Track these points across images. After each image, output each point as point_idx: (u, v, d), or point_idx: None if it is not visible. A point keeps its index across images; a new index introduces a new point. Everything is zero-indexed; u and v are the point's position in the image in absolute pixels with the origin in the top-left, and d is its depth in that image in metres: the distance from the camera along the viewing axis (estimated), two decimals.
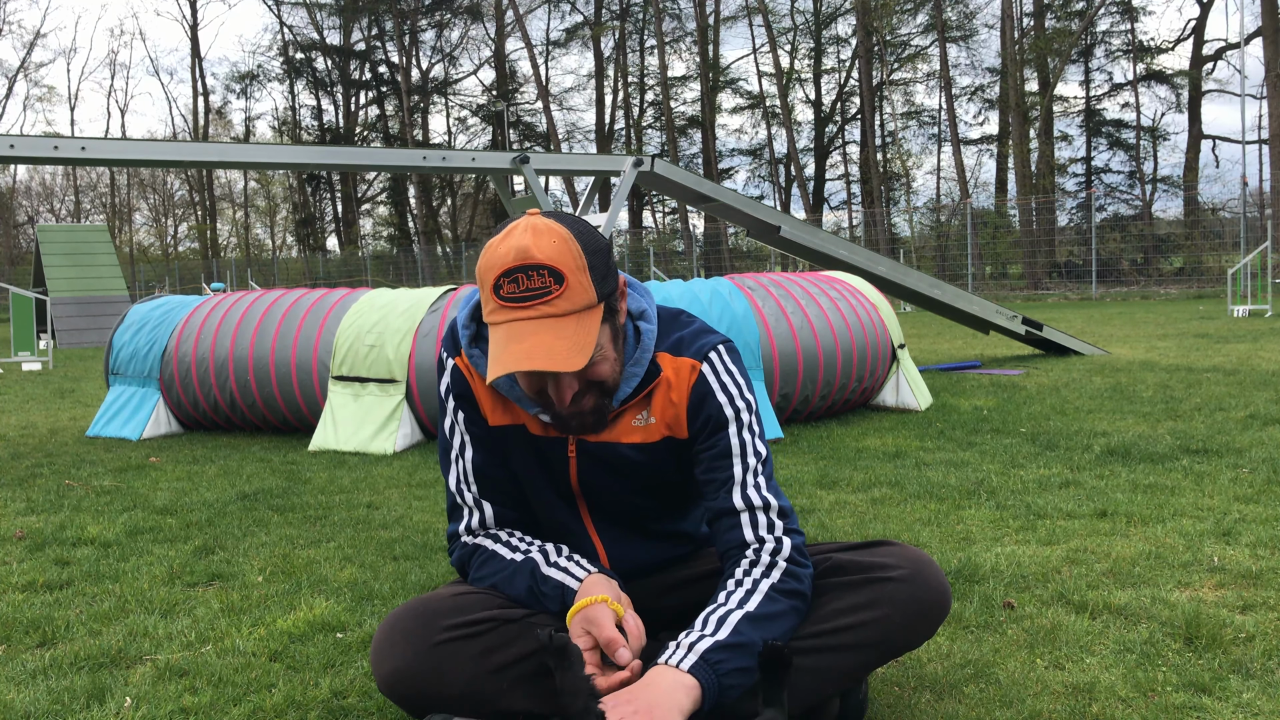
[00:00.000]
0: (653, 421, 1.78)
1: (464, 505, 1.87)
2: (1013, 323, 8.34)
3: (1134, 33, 33.04)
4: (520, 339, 1.59)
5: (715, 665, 1.55)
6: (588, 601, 1.64)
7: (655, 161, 7.42)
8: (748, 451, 1.75)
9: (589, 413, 1.69)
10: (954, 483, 3.76)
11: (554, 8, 42.20)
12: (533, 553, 1.78)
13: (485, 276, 1.64)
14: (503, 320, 1.62)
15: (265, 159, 6.78)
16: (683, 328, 1.82)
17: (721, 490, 1.73)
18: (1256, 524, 3.01)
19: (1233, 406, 5.34)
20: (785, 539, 1.71)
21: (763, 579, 1.66)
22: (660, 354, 1.78)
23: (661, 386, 1.78)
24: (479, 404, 1.84)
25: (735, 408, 1.76)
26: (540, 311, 1.61)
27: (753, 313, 5.14)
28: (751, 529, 1.71)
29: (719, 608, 1.63)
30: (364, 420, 5.02)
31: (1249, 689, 1.87)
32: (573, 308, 1.63)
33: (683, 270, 31.23)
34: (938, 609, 1.71)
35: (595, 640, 1.60)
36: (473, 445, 1.85)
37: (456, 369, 1.85)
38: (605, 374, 1.69)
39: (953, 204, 31.54)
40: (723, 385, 1.77)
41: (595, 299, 1.65)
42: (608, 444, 1.79)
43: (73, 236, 18.80)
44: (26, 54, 64.04)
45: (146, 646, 2.27)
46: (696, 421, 1.76)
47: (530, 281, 1.61)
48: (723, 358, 1.79)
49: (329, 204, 48.44)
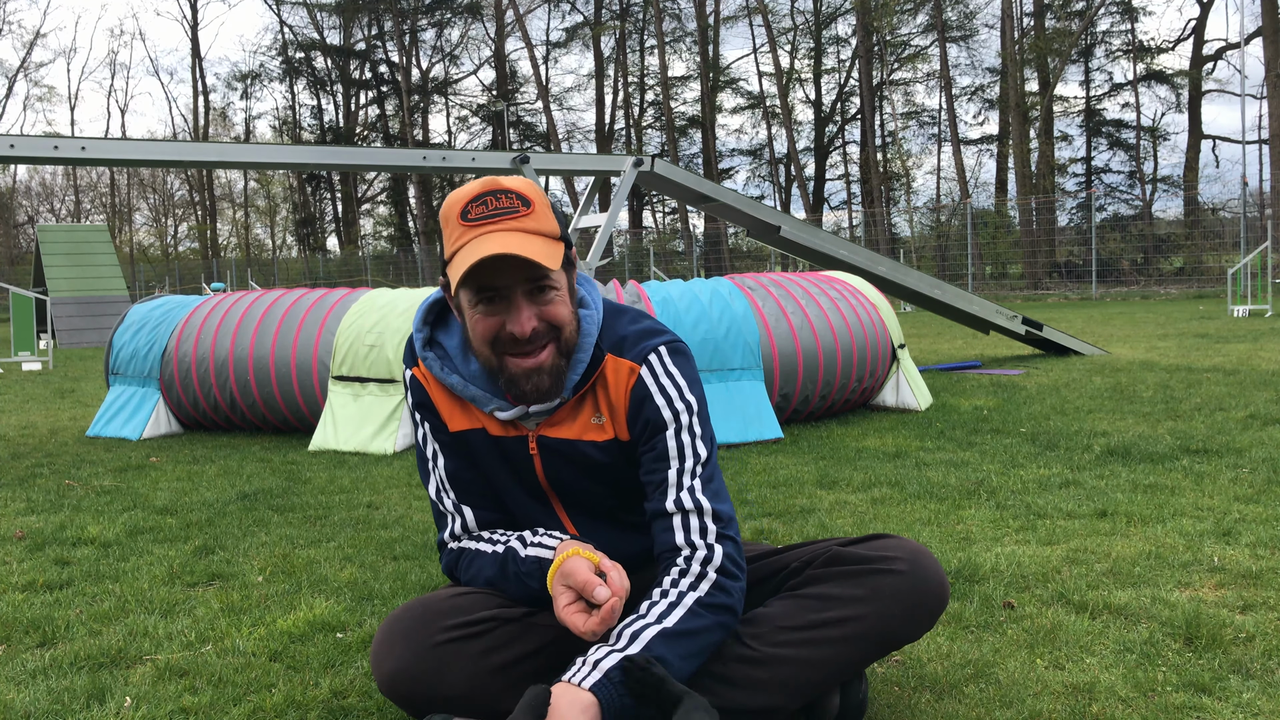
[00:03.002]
0: (605, 420, 1.78)
1: (446, 512, 1.88)
2: (1013, 323, 8.34)
3: (1134, 33, 33.08)
4: (490, 241, 1.60)
5: (620, 683, 1.52)
6: (563, 557, 1.63)
7: (655, 161, 7.42)
8: (685, 453, 1.73)
9: (546, 372, 1.68)
10: (954, 483, 3.76)
11: (554, 8, 42.23)
12: (510, 542, 1.79)
13: (450, 210, 1.66)
14: (470, 238, 1.62)
15: (265, 159, 6.78)
16: (628, 324, 1.80)
17: (657, 492, 1.72)
18: (1256, 524, 3.01)
19: (1233, 406, 5.34)
20: (717, 546, 1.68)
21: (689, 591, 1.63)
22: (607, 351, 1.77)
23: (603, 383, 1.77)
24: (439, 411, 1.84)
25: (674, 410, 1.74)
26: (509, 225, 1.62)
27: (753, 313, 5.14)
28: (683, 532, 1.69)
29: (636, 620, 1.60)
30: (364, 420, 5.02)
31: (1249, 689, 1.87)
32: (541, 229, 1.64)
33: (683, 270, 31.22)
34: (936, 600, 1.71)
35: (575, 592, 1.58)
36: (442, 453, 1.86)
37: (414, 379, 1.85)
38: (563, 317, 1.68)
39: (953, 204, 31.54)
40: (661, 388, 1.75)
41: (559, 234, 1.67)
42: (568, 441, 1.78)
43: (73, 236, 18.79)
44: (26, 54, 64.10)
45: (146, 646, 2.27)
46: (636, 425, 1.75)
47: (499, 202, 1.63)
48: (663, 359, 1.76)
49: (329, 204, 48.46)
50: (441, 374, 1.79)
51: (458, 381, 1.78)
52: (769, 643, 1.66)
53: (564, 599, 1.59)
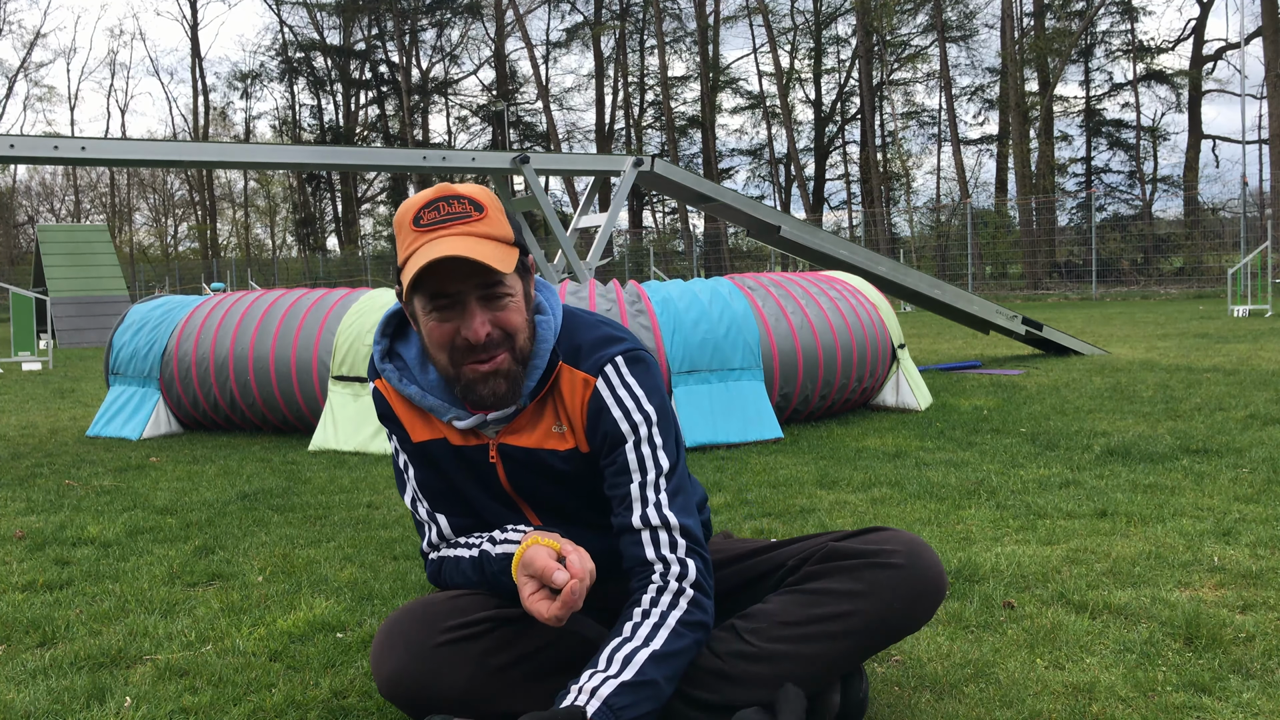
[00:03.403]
0: (566, 429, 1.76)
1: (423, 522, 1.88)
2: (1013, 323, 8.34)
3: (1134, 33, 33.07)
4: (441, 245, 1.59)
5: (619, 711, 1.51)
6: (523, 548, 1.62)
7: (655, 161, 7.42)
8: (647, 465, 1.71)
9: (501, 375, 1.66)
10: (954, 483, 3.76)
11: (554, 8, 42.22)
12: (483, 544, 1.78)
13: (403, 217, 1.65)
14: (422, 243, 1.61)
15: (265, 159, 6.78)
16: (586, 333, 1.78)
17: (621, 507, 1.71)
18: (1256, 524, 3.01)
19: (1233, 406, 5.34)
20: (689, 561, 1.67)
21: (670, 611, 1.63)
22: (563, 361, 1.75)
23: (558, 395, 1.75)
24: (401, 423, 1.84)
25: (632, 422, 1.71)
26: (460, 230, 1.61)
27: (753, 313, 5.14)
28: (653, 547, 1.68)
29: (624, 643, 1.59)
30: (364, 420, 5.02)
31: (1249, 689, 1.87)
32: (493, 234, 1.63)
33: (683, 270, 31.22)
34: (935, 591, 1.71)
35: (539, 581, 1.58)
36: (412, 463, 1.86)
37: (377, 391, 1.85)
38: (517, 323, 1.67)
39: (953, 204, 31.54)
40: (618, 400, 1.72)
41: (513, 240, 1.66)
42: (528, 450, 1.76)
43: (73, 236, 18.79)
44: (26, 54, 64.07)
45: (146, 646, 2.27)
46: (595, 437, 1.74)
47: (451, 208, 1.62)
48: (620, 370, 1.73)
49: (329, 204, 48.45)
50: (400, 385, 1.78)
51: (415, 392, 1.77)
52: (767, 638, 1.66)
53: (528, 588, 1.58)
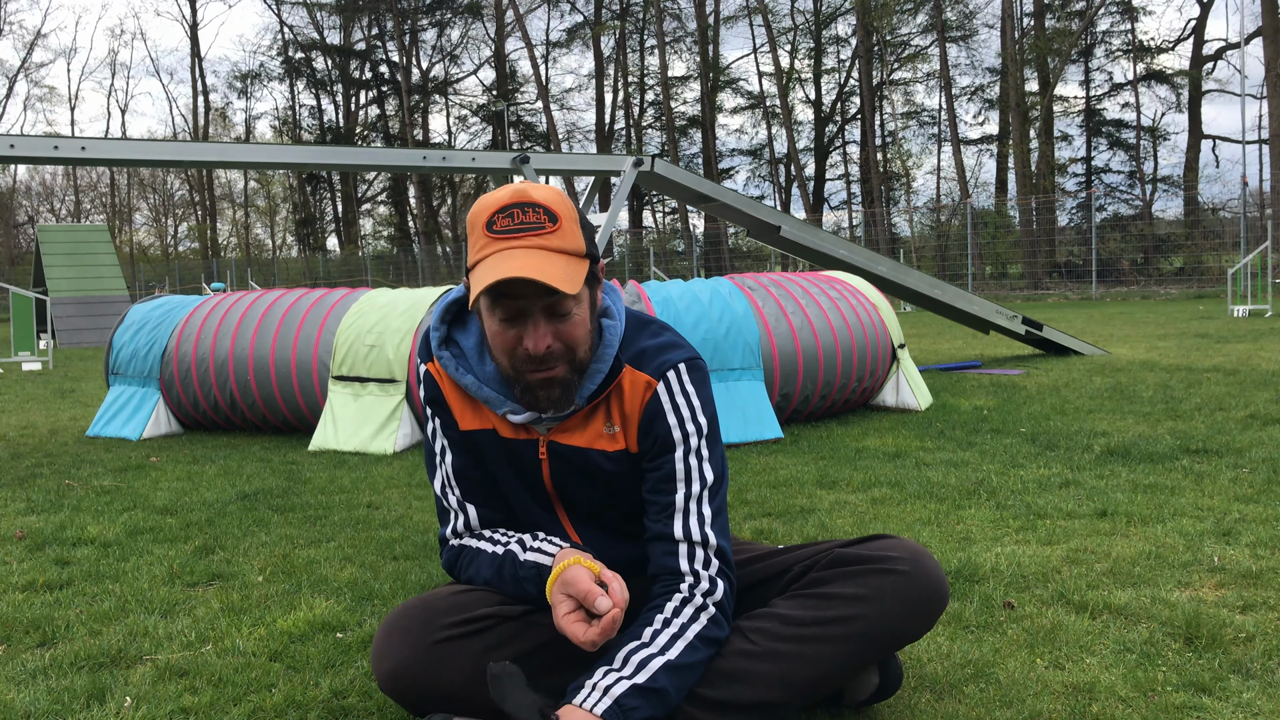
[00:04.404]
0: (618, 430, 1.77)
1: (450, 509, 1.88)
2: (1013, 323, 8.34)
3: (1134, 33, 33.08)
4: (512, 259, 1.59)
5: (628, 712, 1.53)
6: (563, 566, 1.63)
7: (655, 161, 7.42)
8: (693, 476, 1.73)
9: (557, 384, 1.67)
10: (954, 483, 3.76)
11: (554, 8, 42.26)
12: (511, 544, 1.79)
13: (477, 218, 1.64)
14: (493, 251, 1.61)
15: (265, 159, 6.77)
16: (650, 338, 1.79)
17: (663, 515, 1.72)
18: (1256, 524, 3.01)
19: (1233, 406, 5.34)
20: (719, 581, 1.69)
21: (691, 623, 1.65)
22: (626, 363, 1.76)
23: (618, 394, 1.76)
24: (450, 409, 1.84)
25: (685, 431, 1.73)
26: (533, 242, 1.61)
27: (753, 313, 5.14)
28: (688, 560, 1.70)
29: (641, 647, 1.61)
30: (364, 420, 5.02)
31: (1249, 689, 1.87)
32: (565, 248, 1.63)
33: (683, 270, 31.22)
34: (937, 600, 1.72)
35: (576, 601, 1.59)
36: (451, 450, 1.85)
37: (429, 375, 1.85)
38: (579, 337, 1.67)
39: (953, 204, 31.54)
40: (675, 406, 1.74)
41: (584, 251, 1.66)
42: (579, 449, 1.78)
43: (73, 236, 18.80)
44: (27, 54, 63.97)
45: (146, 646, 2.27)
46: (646, 439, 1.75)
47: (525, 216, 1.61)
48: (681, 377, 1.75)
49: (329, 204, 48.46)
50: (456, 373, 1.79)
51: (472, 382, 1.77)
52: (771, 637, 1.67)
53: (564, 607, 1.59)
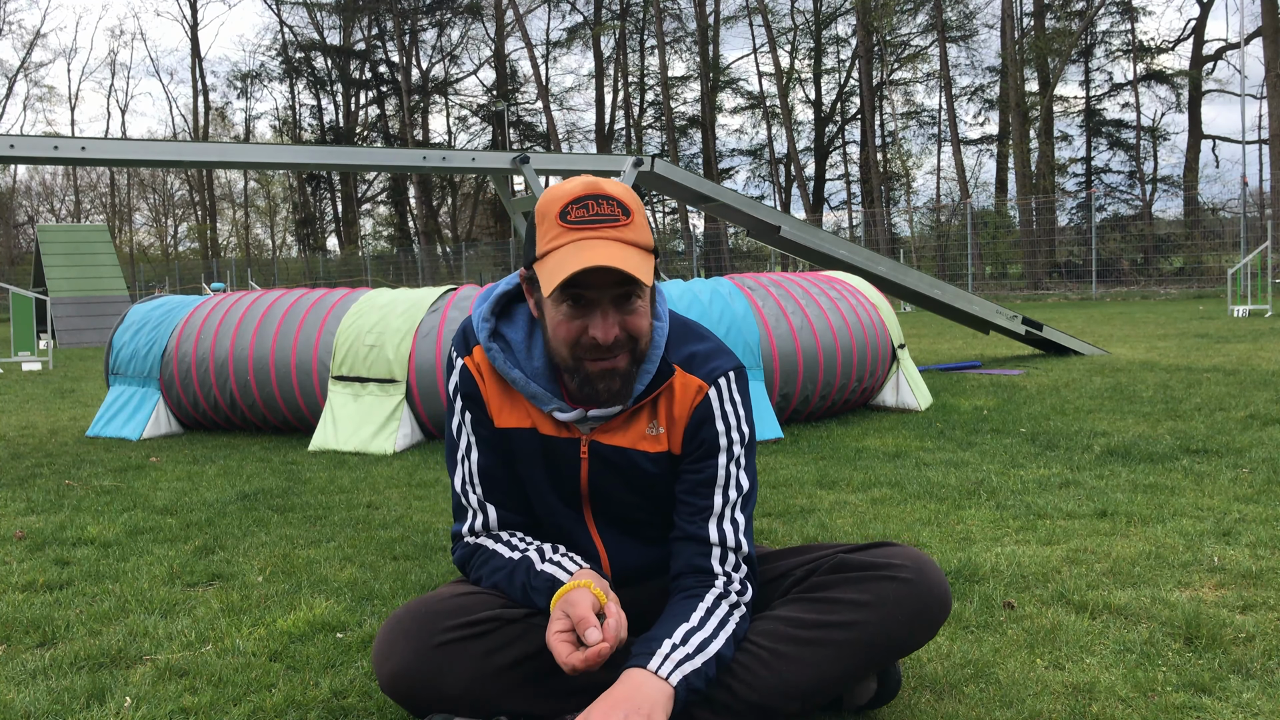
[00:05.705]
0: (661, 432, 1.79)
1: (468, 507, 1.87)
2: (1013, 323, 8.34)
3: (1134, 33, 33.04)
4: (590, 249, 1.60)
5: (692, 691, 1.60)
6: (571, 586, 1.65)
7: (655, 161, 7.42)
8: (731, 483, 1.77)
9: (618, 375, 1.69)
10: (954, 483, 3.76)
11: (554, 8, 42.22)
12: (530, 552, 1.79)
13: (549, 207, 1.65)
14: (569, 240, 1.62)
15: (265, 159, 6.78)
16: (698, 342, 1.82)
17: (698, 517, 1.75)
18: (1256, 524, 3.01)
19: (1233, 406, 5.34)
20: (749, 585, 1.76)
21: (729, 617, 1.70)
22: (676, 365, 1.78)
23: (668, 395, 1.78)
24: (486, 405, 1.83)
25: (730, 438, 1.77)
26: (609, 234, 1.63)
27: (753, 313, 5.14)
28: (720, 563, 1.74)
29: (696, 630, 1.65)
30: (364, 420, 5.02)
31: (1249, 689, 1.87)
32: (637, 241, 1.65)
33: (683, 270, 31.21)
34: (940, 608, 1.72)
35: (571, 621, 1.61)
36: (478, 447, 1.84)
37: (465, 369, 1.83)
38: (644, 328, 1.69)
39: (953, 204, 31.54)
40: (724, 413, 1.78)
41: (651, 246, 1.68)
42: (621, 449, 1.78)
43: (73, 236, 18.79)
44: (26, 54, 63.99)
45: (146, 646, 2.27)
46: (692, 442, 1.78)
47: (600, 208, 1.63)
48: (730, 385, 1.79)
49: (329, 204, 48.44)
50: (504, 367, 1.78)
51: (520, 377, 1.77)
52: (773, 639, 1.68)
53: (558, 624, 1.60)
